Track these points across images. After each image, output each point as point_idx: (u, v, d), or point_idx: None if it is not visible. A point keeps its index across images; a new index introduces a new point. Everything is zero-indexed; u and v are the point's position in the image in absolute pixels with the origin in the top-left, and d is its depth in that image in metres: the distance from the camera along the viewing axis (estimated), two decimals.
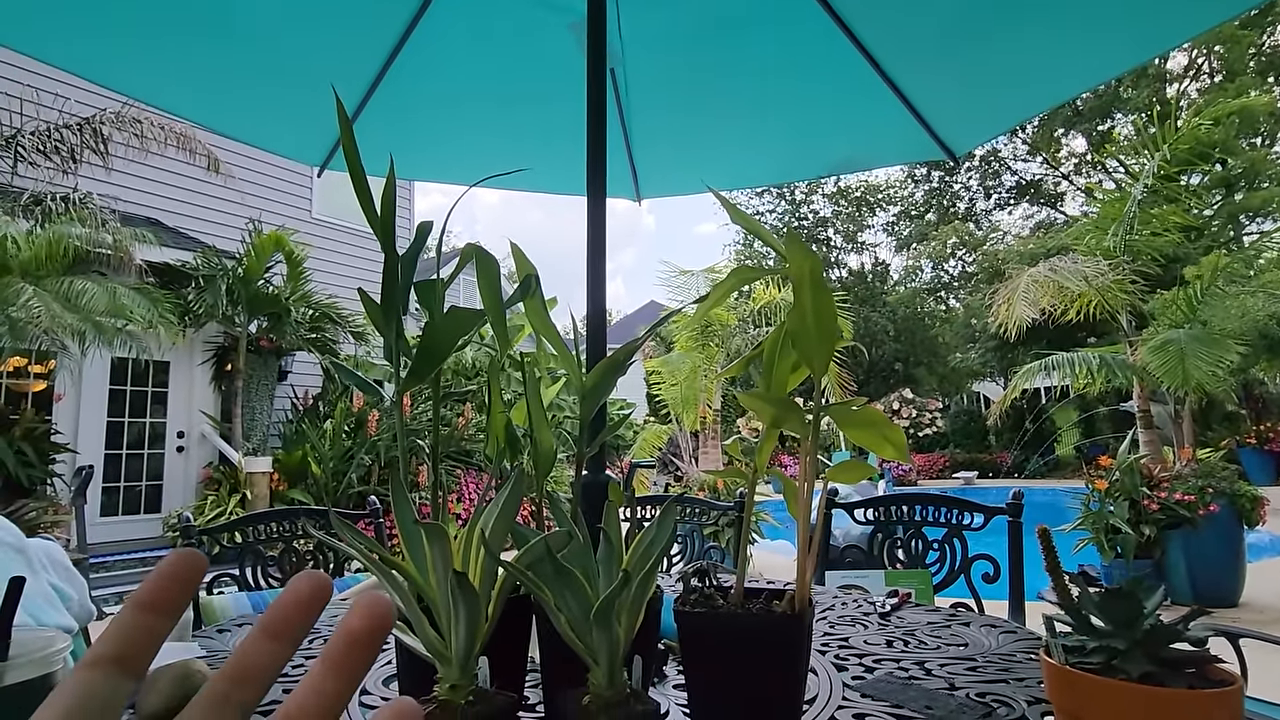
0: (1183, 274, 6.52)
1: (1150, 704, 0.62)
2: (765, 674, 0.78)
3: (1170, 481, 3.78)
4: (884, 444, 0.90)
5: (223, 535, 1.84)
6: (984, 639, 1.23)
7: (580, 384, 0.87)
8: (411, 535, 0.69)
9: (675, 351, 6.77)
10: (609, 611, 0.61)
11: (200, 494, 6.79)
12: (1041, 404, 14.95)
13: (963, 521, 1.85)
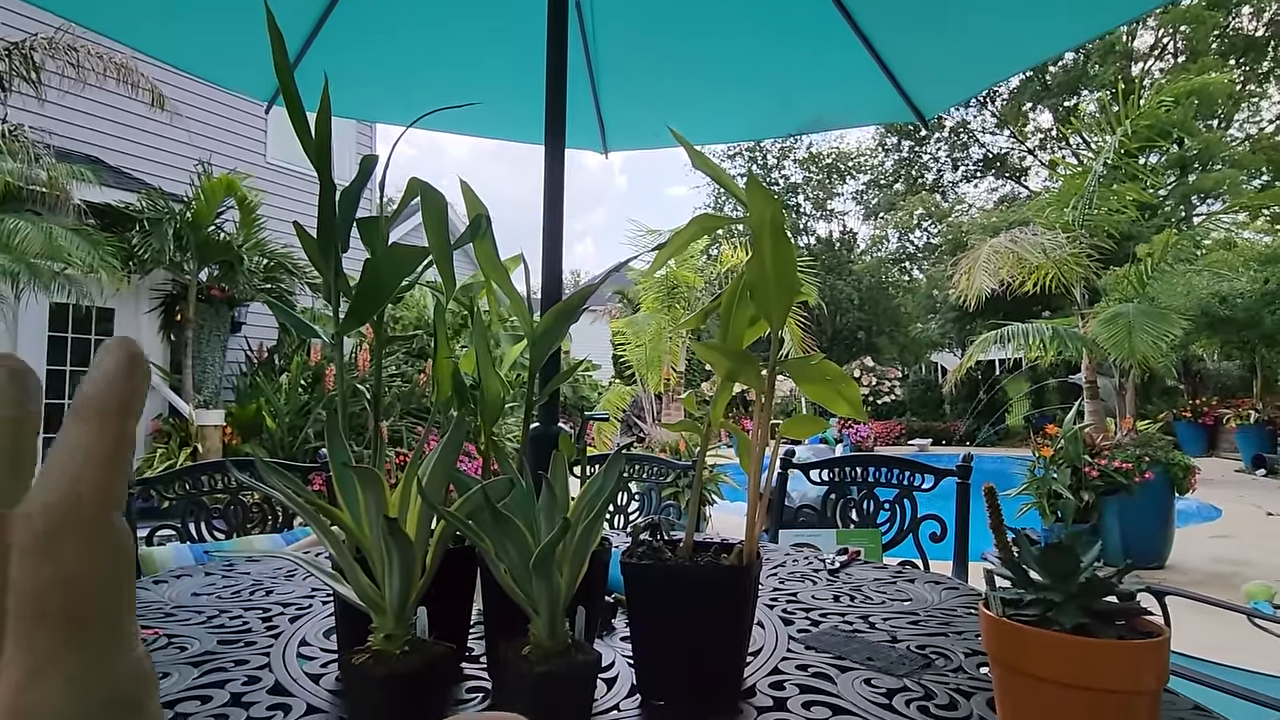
0: (1135, 251, 6.71)
1: (1082, 653, 0.63)
2: (710, 625, 0.78)
3: (1111, 450, 3.94)
4: (839, 400, 0.89)
5: (161, 485, 1.77)
6: (927, 594, 1.27)
7: (530, 329, 0.83)
8: (345, 480, 0.66)
9: (641, 312, 6.73)
10: (549, 561, 0.59)
11: (149, 446, 6.57)
12: (995, 375, 15.41)
13: (914, 483, 1.89)
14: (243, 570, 1.43)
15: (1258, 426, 9.90)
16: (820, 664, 0.91)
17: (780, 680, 0.85)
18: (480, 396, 0.84)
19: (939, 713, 0.76)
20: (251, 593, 1.25)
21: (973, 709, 0.77)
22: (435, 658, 0.66)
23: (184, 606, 1.15)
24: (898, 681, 0.85)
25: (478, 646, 0.95)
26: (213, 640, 0.98)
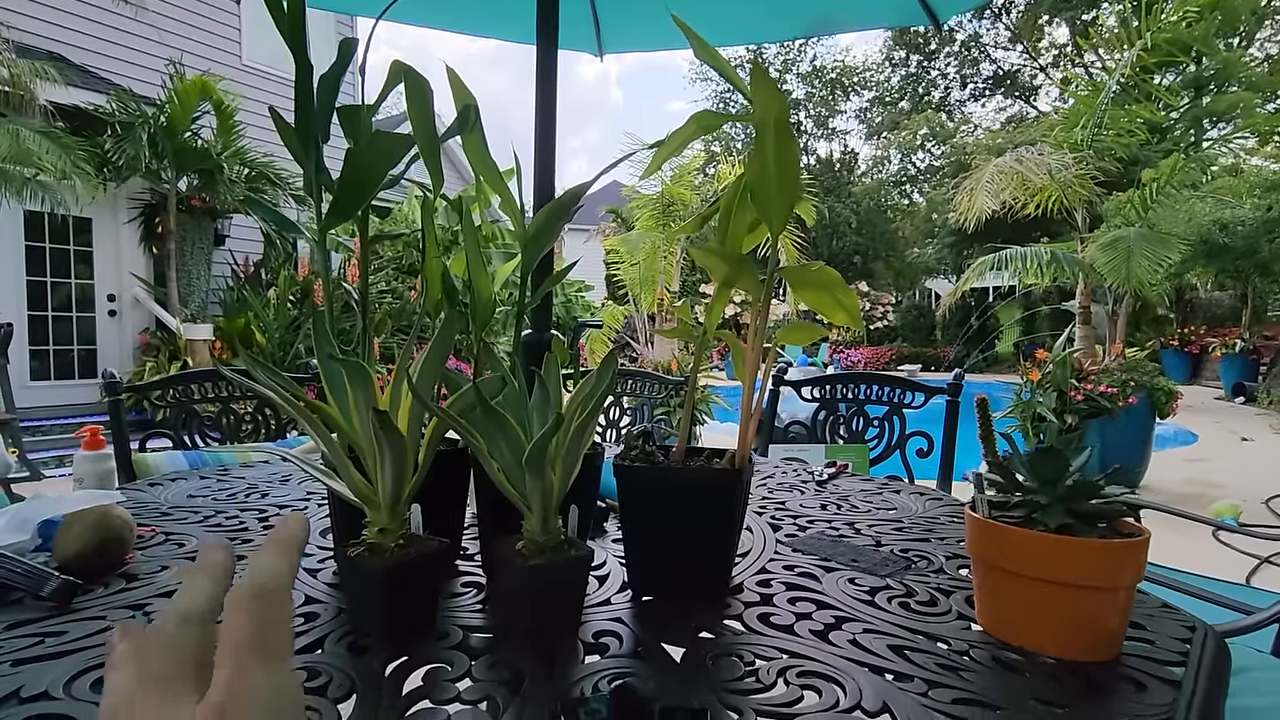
0: (1140, 177, 6.57)
1: (1064, 551, 0.65)
2: (701, 525, 0.79)
3: (1098, 375, 3.99)
4: (836, 308, 0.87)
5: (151, 393, 1.76)
6: (912, 504, 1.30)
7: (521, 229, 0.80)
8: (333, 376, 0.64)
9: (635, 231, 6.60)
10: (541, 456, 0.59)
11: (138, 360, 6.55)
12: (988, 302, 15.43)
13: (904, 400, 1.91)
14: (238, 475, 1.44)
15: (1241, 356, 10.04)
16: (806, 565, 0.93)
17: (767, 579, 0.87)
18: (471, 299, 0.82)
19: (919, 609, 0.79)
20: (247, 495, 1.26)
21: (952, 605, 0.80)
22: (429, 551, 0.67)
23: (180, 507, 1.16)
24: (880, 581, 0.88)
25: (473, 547, 0.98)
26: (210, 538, 0.99)
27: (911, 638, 0.71)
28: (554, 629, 0.68)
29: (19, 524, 0.86)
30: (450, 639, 0.68)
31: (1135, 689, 0.62)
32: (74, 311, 6.67)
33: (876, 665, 0.65)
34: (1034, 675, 0.64)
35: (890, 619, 0.76)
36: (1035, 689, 0.61)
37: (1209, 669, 0.66)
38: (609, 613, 0.75)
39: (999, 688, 0.61)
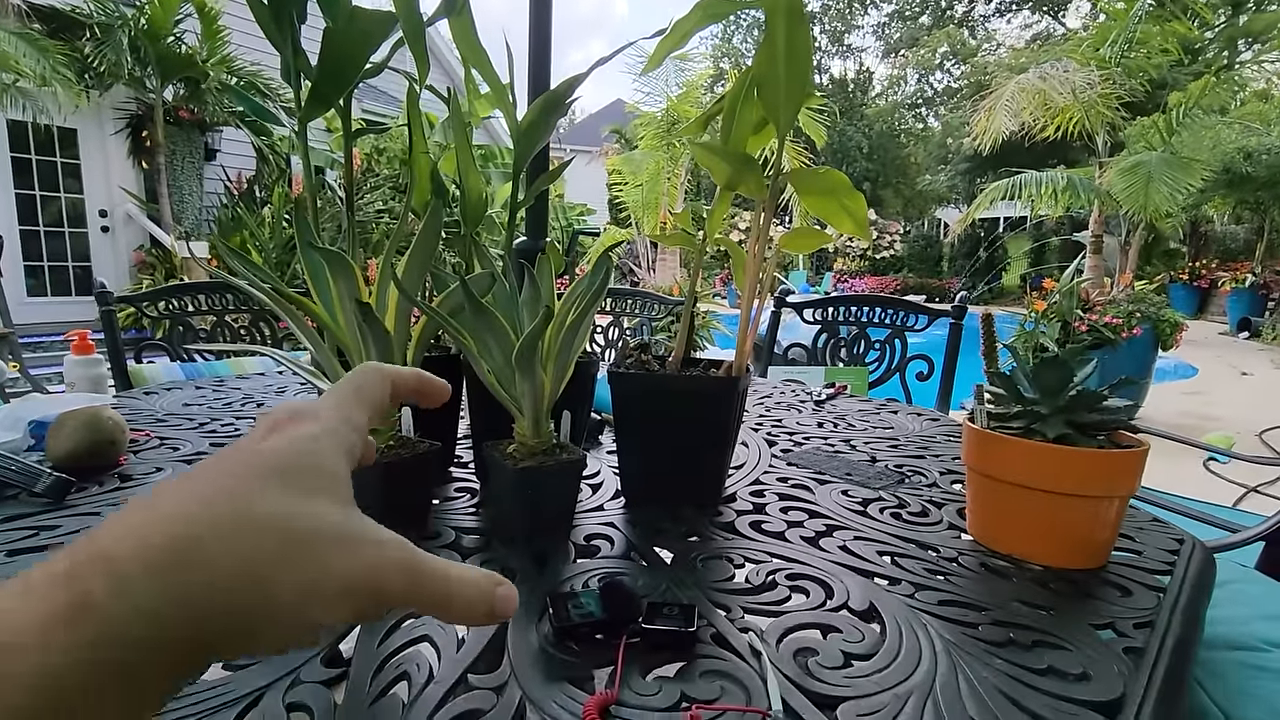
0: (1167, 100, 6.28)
1: (1060, 460, 0.64)
2: (696, 434, 0.79)
3: (1104, 306, 3.94)
4: (843, 215, 0.83)
5: (143, 304, 1.74)
6: (909, 424, 1.29)
7: (513, 121, 0.75)
8: (315, 268, 0.62)
9: (638, 150, 6.38)
10: (531, 354, 0.57)
11: (134, 278, 6.49)
12: (998, 233, 15.14)
13: (906, 323, 1.88)
14: (233, 386, 1.44)
15: (1251, 290, 9.91)
16: (800, 478, 0.93)
17: (760, 490, 0.87)
18: (462, 195, 0.78)
19: (910, 519, 0.79)
20: (243, 404, 1.26)
21: (943, 516, 0.80)
22: (420, 452, 0.67)
23: (175, 414, 1.16)
24: (873, 493, 0.88)
25: (467, 455, 0.98)
26: (205, 443, 1.00)
27: (901, 545, 0.71)
28: (545, 531, 0.69)
29: (10, 423, 0.85)
30: (442, 539, 0.68)
31: (1120, 594, 0.62)
32: (66, 227, 6.56)
33: (865, 569, 0.65)
34: (1021, 580, 0.64)
35: (881, 528, 0.76)
36: (1021, 592, 0.61)
37: (1194, 578, 0.67)
38: (601, 518, 0.76)
39: (985, 591, 0.62)
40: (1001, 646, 0.53)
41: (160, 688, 0.20)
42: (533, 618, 0.54)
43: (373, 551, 0.24)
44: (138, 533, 0.20)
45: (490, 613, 0.26)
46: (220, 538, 0.21)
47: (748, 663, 0.49)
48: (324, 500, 0.24)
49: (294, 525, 0.23)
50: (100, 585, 0.19)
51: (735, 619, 0.55)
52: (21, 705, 0.17)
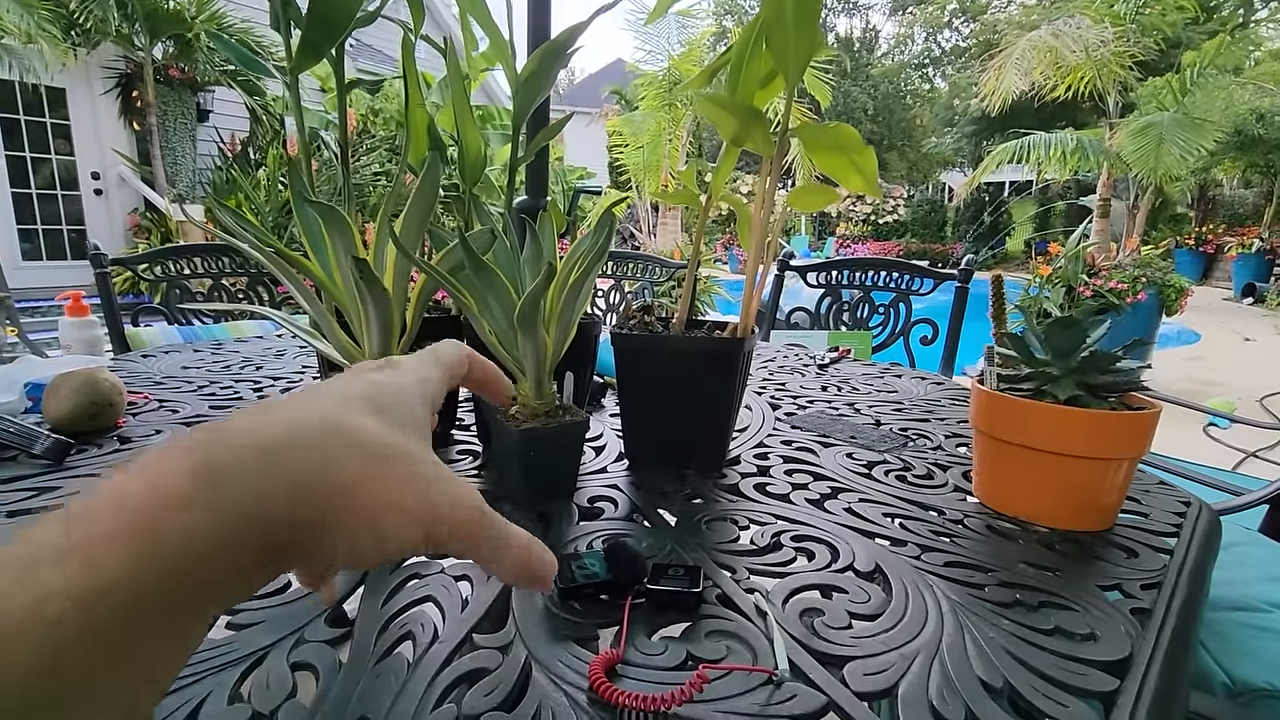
0: (1180, 60, 6.12)
1: (1071, 423, 0.63)
2: (700, 395, 0.78)
3: (1109, 270, 3.90)
4: (852, 172, 0.80)
5: (138, 267, 1.72)
6: (913, 388, 1.29)
7: (513, 73, 0.73)
8: (310, 225, 0.60)
9: (639, 111, 6.25)
10: (534, 313, 0.56)
11: (129, 241, 6.43)
12: (1002, 198, 14.95)
13: (911, 286, 1.86)
14: (231, 349, 1.42)
15: (1258, 255, 9.81)
16: (805, 440, 0.93)
17: (765, 452, 0.87)
18: (460, 151, 0.75)
19: (916, 482, 0.79)
20: (241, 368, 1.25)
21: (949, 479, 0.80)
22: None
23: (173, 377, 1.15)
24: (878, 456, 0.87)
25: (469, 418, 0.97)
26: (204, 405, 0.99)
27: (907, 507, 0.71)
28: (548, 493, 0.68)
29: (6, 384, 0.84)
30: None
31: (1127, 555, 0.62)
32: (59, 190, 6.47)
33: (870, 531, 0.65)
34: (1027, 542, 0.64)
35: (886, 490, 0.76)
36: (1028, 554, 0.61)
37: (1201, 540, 0.67)
38: (604, 480, 0.75)
39: (991, 553, 0.61)
40: (1008, 607, 0.52)
41: (236, 582, 0.21)
42: None
43: (453, 486, 0.26)
44: (254, 426, 0.23)
45: (530, 570, 0.28)
46: (323, 442, 0.23)
47: (753, 623, 0.49)
48: (412, 435, 0.26)
49: (386, 446, 0.25)
50: (227, 459, 0.21)
51: (741, 580, 0.55)
52: (169, 554, 0.19)
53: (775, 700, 0.40)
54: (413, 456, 0.26)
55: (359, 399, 0.26)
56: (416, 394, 0.29)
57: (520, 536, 0.28)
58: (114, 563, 0.18)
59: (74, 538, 0.18)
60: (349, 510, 0.23)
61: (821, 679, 0.42)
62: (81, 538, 0.18)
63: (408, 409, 0.27)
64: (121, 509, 0.19)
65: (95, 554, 0.18)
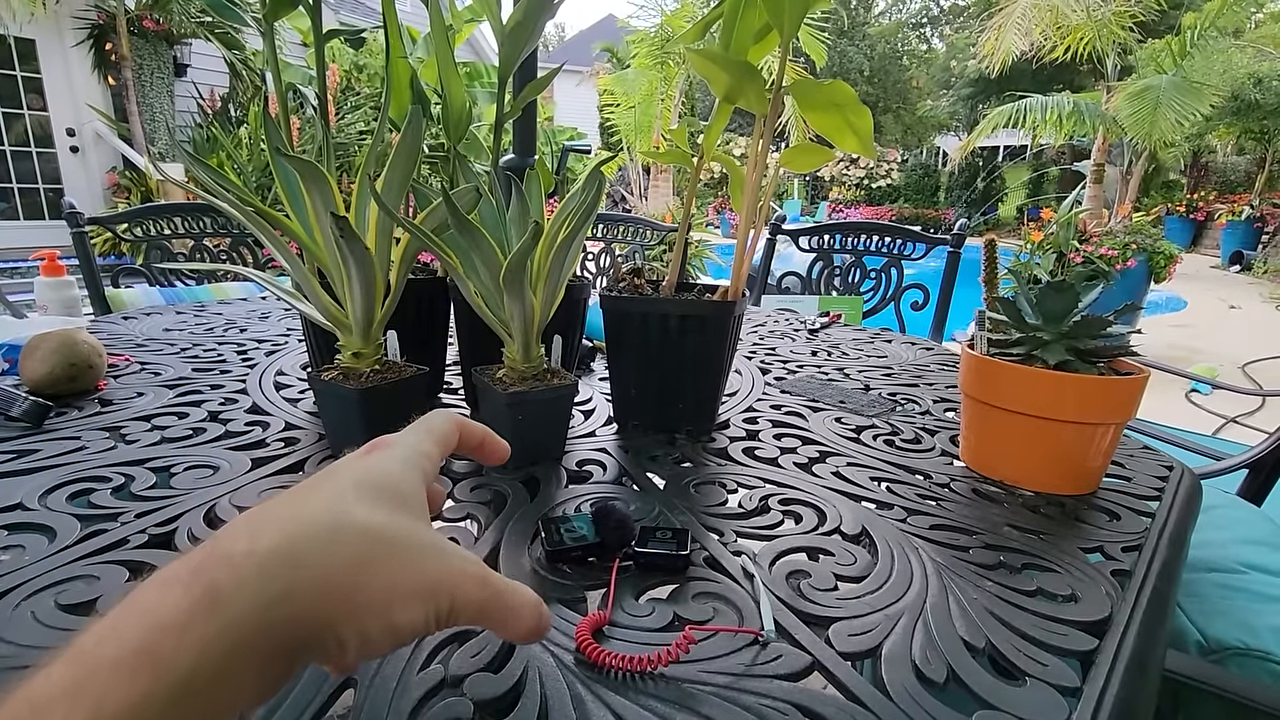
0: (1180, 22, 6.02)
1: (1060, 387, 0.63)
2: (689, 359, 0.77)
3: (1100, 237, 3.89)
4: (846, 131, 0.79)
5: (116, 226, 1.67)
6: (903, 353, 1.29)
7: (499, 23, 0.70)
8: (288, 180, 0.58)
9: (631, 69, 6.10)
10: (520, 274, 0.54)
11: (108, 201, 6.28)
12: (996, 163, 14.84)
13: (903, 251, 1.85)
14: (214, 311, 1.40)
15: (1247, 223, 9.84)
16: (793, 405, 0.93)
17: (754, 417, 0.87)
18: (444, 105, 0.73)
19: (904, 446, 0.79)
20: (225, 330, 1.23)
21: (936, 444, 0.80)
22: (407, 376, 0.65)
23: (155, 339, 1.13)
24: (867, 420, 0.87)
25: (457, 382, 0.96)
26: (187, 368, 0.97)
27: (894, 472, 0.71)
28: (536, 456, 0.68)
29: None
30: None
31: (1109, 519, 0.63)
32: (33, 146, 6.28)
33: (858, 495, 0.65)
34: (1012, 505, 0.64)
35: (874, 454, 0.76)
36: (1012, 517, 0.62)
37: (1182, 503, 0.67)
38: (593, 444, 0.75)
39: (976, 516, 0.62)
40: (991, 569, 0.53)
41: (251, 690, 0.22)
42: (524, 541, 0.53)
43: (455, 562, 0.27)
44: (251, 536, 0.23)
45: (539, 635, 0.29)
46: (321, 541, 0.24)
47: (740, 585, 0.49)
48: (408, 514, 0.27)
49: (385, 532, 0.25)
50: (225, 578, 0.21)
51: (728, 543, 0.55)
52: (173, 681, 0.19)
53: (761, 660, 0.41)
54: (413, 538, 0.26)
55: (354, 488, 0.26)
56: (411, 471, 0.29)
57: (527, 603, 0.28)
58: (121, 695, 0.18)
59: (79, 674, 0.18)
60: (356, 605, 0.24)
61: (807, 639, 0.43)
62: (85, 674, 0.18)
63: (404, 489, 0.28)
64: (123, 642, 0.19)
65: (101, 690, 0.18)
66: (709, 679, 0.39)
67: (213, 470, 0.63)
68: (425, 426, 0.33)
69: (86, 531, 0.52)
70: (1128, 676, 0.42)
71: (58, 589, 0.45)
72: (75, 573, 0.46)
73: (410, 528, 0.26)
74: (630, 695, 0.37)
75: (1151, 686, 0.44)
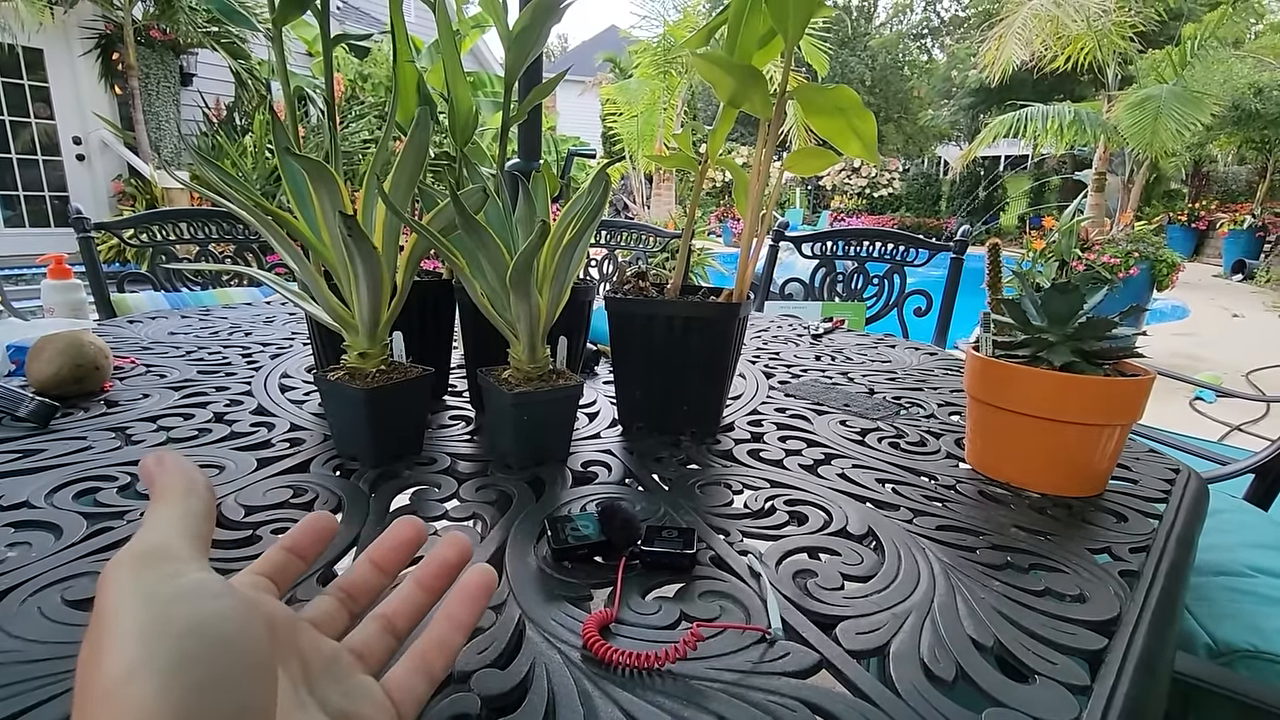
0: (1180, 32, 6.05)
1: (1066, 389, 0.63)
2: (694, 362, 0.77)
3: (1102, 245, 3.90)
4: (850, 136, 0.79)
5: (122, 231, 1.68)
6: (907, 358, 1.29)
7: (505, 28, 0.70)
8: (295, 181, 0.58)
9: (634, 79, 6.13)
10: (526, 274, 0.54)
11: (114, 208, 6.31)
12: (997, 172, 14.87)
13: (906, 257, 1.85)
14: (220, 315, 1.40)
15: (1249, 232, 9.83)
16: (798, 408, 0.93)
17: (758, 419, 0.87)
18: (450, 108, 0.73)
19: (909, 448, 0.79)
20: (230, 334, 1.23)
21: (941, 446, 0.80)
22: (413, 377, 0.65)
23: (161, 342, 1.14)
24: (872, 423, 0.87)
25: (461, 384, 0.96)
26: (192, 370, 0.97)
27: (900, 473, 0.71)
28: (541, 458, 0.68)
29: None
30: (438, 464, 0.67)
31: (1117, 520, 0.62)
32: (40, 155, 6.32)
33: (863, 496, 0.65)
34: (1019, 507, 0.64)
35: (880, 456, 0.76)
36: (1019, 518, 0.61)
37: (1189, 505, 0.67)
38: (598, 445, 0.75)
39: (983, 517, 0.62)
40: (999, 569, 0.53)
41: None
42: (530, 540, 0.53)
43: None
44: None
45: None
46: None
47: (747, 584, 0.49)
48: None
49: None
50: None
51: (734, 543, 0.55)
52: None
53: (768, 658, 0.41)
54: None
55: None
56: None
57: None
58: None
59: None
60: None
61: (814, 637, 0.43)
62: None
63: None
64: None
65: None
66: (717, 676, 0.39)
67: (219, 470, 0.63)
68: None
69: (92, 529, 0.52)
70: (1137, 676, 0.42)
71: (64, 585, 0.44)
72: (81, 569, 0.46)
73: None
74: (638, 692, 0.37)
75: (1161, 687, 0.44)
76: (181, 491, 0.23)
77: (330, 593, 0.29)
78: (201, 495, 0.24)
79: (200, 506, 0.23)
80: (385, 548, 0.31)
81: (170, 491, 0.23)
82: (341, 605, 0.29)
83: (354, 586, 0.30)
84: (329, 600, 0.29)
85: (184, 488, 0.23)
